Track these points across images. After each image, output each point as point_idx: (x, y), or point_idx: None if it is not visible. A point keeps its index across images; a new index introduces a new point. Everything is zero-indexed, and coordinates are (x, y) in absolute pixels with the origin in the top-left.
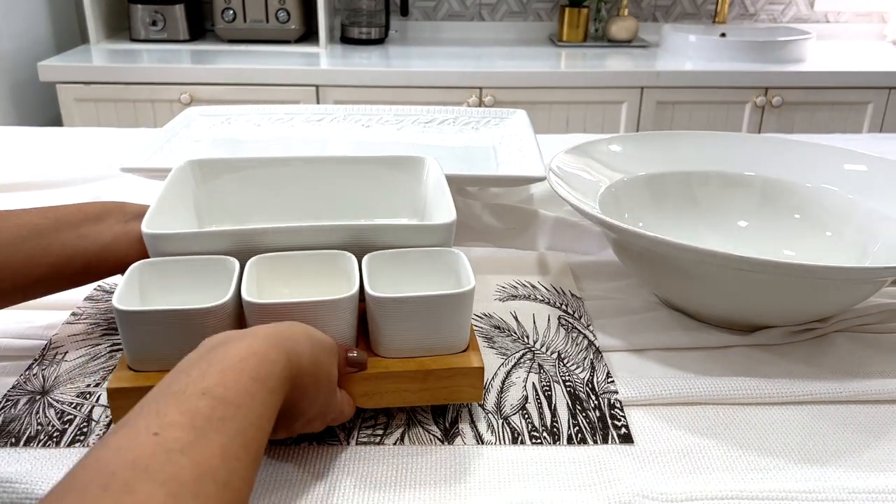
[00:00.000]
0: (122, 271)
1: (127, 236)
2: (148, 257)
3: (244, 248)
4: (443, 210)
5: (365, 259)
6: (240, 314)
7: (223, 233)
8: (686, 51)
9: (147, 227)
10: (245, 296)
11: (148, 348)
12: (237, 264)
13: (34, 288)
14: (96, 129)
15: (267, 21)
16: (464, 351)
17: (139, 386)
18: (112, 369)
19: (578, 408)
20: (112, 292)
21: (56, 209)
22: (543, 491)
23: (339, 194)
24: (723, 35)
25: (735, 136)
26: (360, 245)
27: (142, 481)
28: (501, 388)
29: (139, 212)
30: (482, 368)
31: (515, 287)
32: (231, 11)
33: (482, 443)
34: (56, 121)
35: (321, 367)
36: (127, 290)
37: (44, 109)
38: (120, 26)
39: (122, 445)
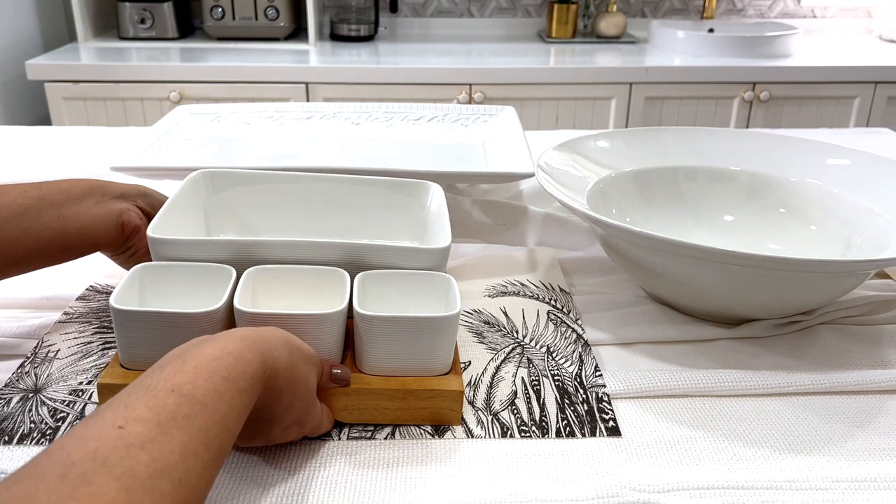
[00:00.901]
0: (98, 250)
1: (105, 217)
2: (122, 239)
3: (243, 259)
4: (440, 235)
5: (357, 277)
6: (231, 321)
7: (223, 242)
8: (674, 46)
9: (153, 231)
10: (237, 304)
11: (140, 348)
12: (234, 273)
13: (12, 268)
14: (86, 127)
15: (256, 18)
16: (446, 374)
17: (128, 383)
18: (104, 366)
19: (567, 401)
20: (104, 293)
21: (39, 187)
22: (532, 483)
23: (346, 212)
24: (711, 30)
25: (721, 131)
26: (356, 263)
27: (98, 474)
28: (491, 383)
29: (122, 191)
30: (462, 392)
31: (504, 283)
32: (220, 9)
33: (472, 437)
34: (45, 120)
35: (298, 374)
36: (126, 291)
37: (32, 108)
38: (108, 24)
39: (87, 436)
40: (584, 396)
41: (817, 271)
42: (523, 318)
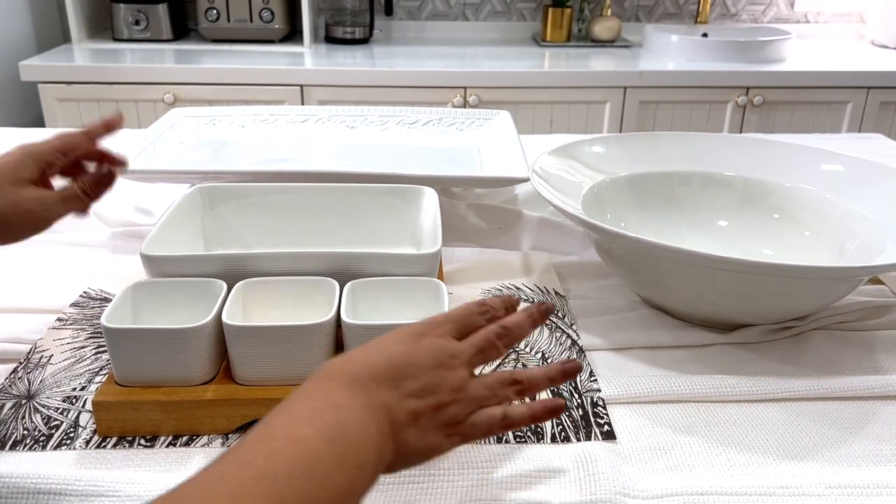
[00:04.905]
0: (13, 240)
1: (17, 206)
2: (37, 225)
3: (235, 272)
4: (431, 240)
5: (347, 286)
6: (221, 335)
7: (213, 257)
8: (668, 51)
9: (146, 249)
10: (225, 318)
11: (133, 365)
12: (224, 287)
13: None
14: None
15: (251, 20)
16: None
17: (122, 400)
18: (97, 371)
19: None
20: (98, 298)
21: None
22: (527, 487)
23: (342, 219)
24: (705, 35)
25: (715, 136)
26: (347, 272)
27: None
28: None
29: (30, 178)
30: None
31: (500, 287)
32: (215, 11)
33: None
34: (38, 121)
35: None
36: (119, 308)
37: (26, 109)
38: (102, 26)
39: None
40: (578, 401)
41: (811, 277)
42: None
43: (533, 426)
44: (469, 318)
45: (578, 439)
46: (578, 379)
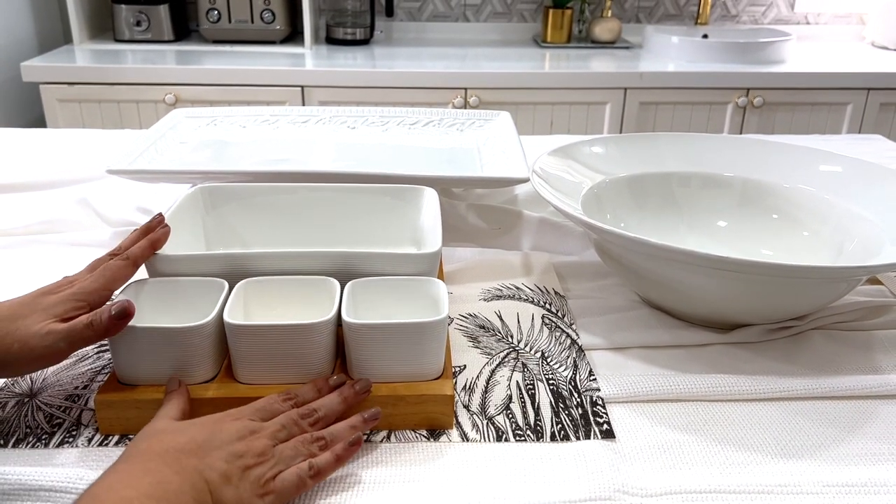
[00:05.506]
0: (26, 372)
1: (24, 344)
2: (40, 363)
3: (237, 272)
4: (432, 240)
5: (347, 286)
6: (223, 334)
7: (215, 256)
8: (668, 52)
9: None
10: (226, 317)
11: (135, 363)
12: (226, 286)
13: None
14: (81, 130)
15: (252, 21)
16: (437, 378)
17: (124, 398)
18: (99, 370)
19: (561, 405)
20: None
21: None
22: (526, 486)
23: (343, 220)
24: (705, 36)
25: (714, 137)
26: (348, 271)
27: None
28: (486, 387)
29: (61, 313)
30: (452, 396)
31: (500, 287)
32: (216, 12)
33: (467, 441)
34: (39, 121)
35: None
36: None
37: (27, 110)
38: (103, 26)
39: None
40: (578, 400)
41: (809, 277)
42: (518, 322)
43: (533, 425)
44: (271, 406)
45: (578, 438)
46: (578, 378)
